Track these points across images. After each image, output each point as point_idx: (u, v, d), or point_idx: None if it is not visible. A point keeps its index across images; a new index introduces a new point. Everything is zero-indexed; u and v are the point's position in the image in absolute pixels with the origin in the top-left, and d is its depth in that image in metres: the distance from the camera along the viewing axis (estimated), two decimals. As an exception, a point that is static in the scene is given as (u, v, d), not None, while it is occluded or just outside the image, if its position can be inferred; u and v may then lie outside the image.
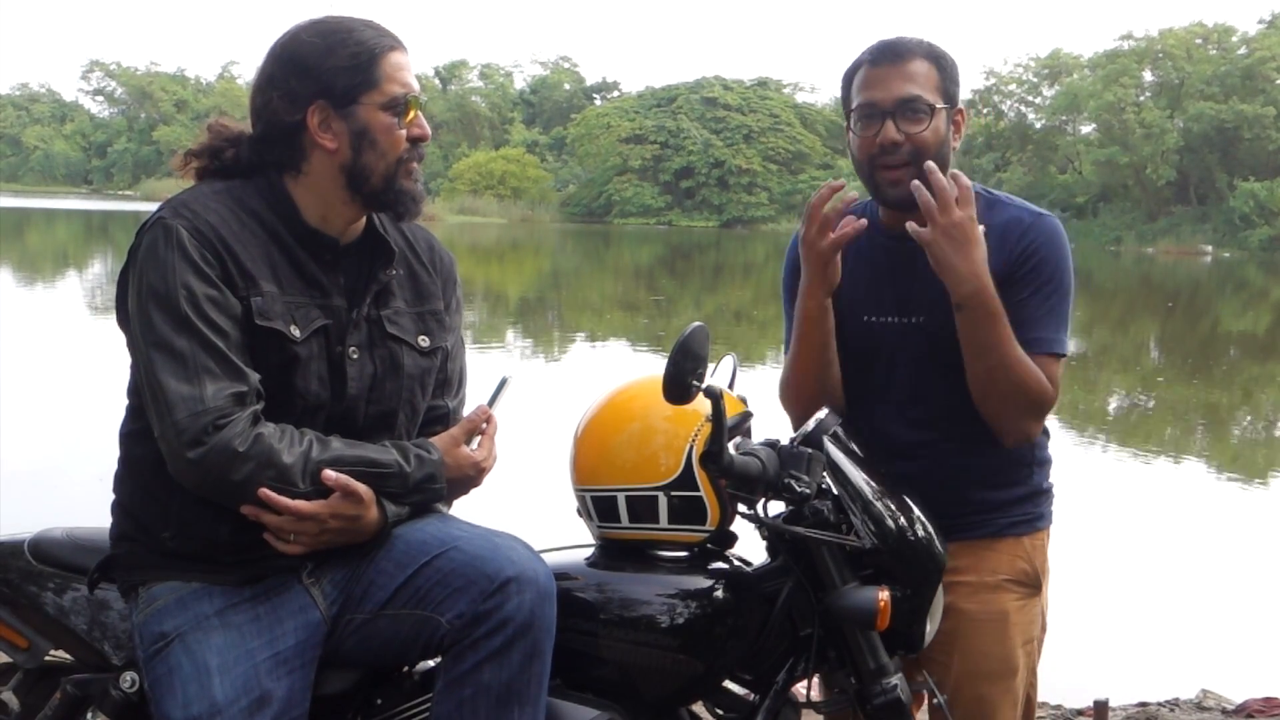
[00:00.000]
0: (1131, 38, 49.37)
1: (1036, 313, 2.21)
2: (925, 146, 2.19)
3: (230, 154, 2.03)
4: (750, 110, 58.74)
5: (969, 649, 2.25)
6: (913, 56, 2.22)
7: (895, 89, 2.20)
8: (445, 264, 2.20)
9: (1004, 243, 2.23)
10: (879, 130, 2.20)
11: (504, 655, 1.89)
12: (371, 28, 2.02)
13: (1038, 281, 2.22)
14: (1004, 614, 2.27)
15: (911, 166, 2.18)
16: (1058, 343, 2.22)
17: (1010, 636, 2.27)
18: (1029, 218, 2.27)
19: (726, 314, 19.54)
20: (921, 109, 2.19)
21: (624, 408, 2.16)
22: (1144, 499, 8.21)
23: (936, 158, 2.19)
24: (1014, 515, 2.30)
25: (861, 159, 2.25)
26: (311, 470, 1.91)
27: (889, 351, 2.30)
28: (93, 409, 8.26)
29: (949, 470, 2.27)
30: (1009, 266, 2.21)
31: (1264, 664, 5.01)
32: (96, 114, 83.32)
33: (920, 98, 2.19)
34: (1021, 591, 2.29)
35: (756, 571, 2.13)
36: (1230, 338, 19.74)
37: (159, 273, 1.89)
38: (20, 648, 2.21)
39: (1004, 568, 2.28)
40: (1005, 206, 2.30)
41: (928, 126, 2.19)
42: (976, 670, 2.25)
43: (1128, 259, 38.86)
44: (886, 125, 2.19)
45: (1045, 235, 2.25)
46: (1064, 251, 2.26)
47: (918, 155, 2.18)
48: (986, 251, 2.16)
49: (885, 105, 2.20)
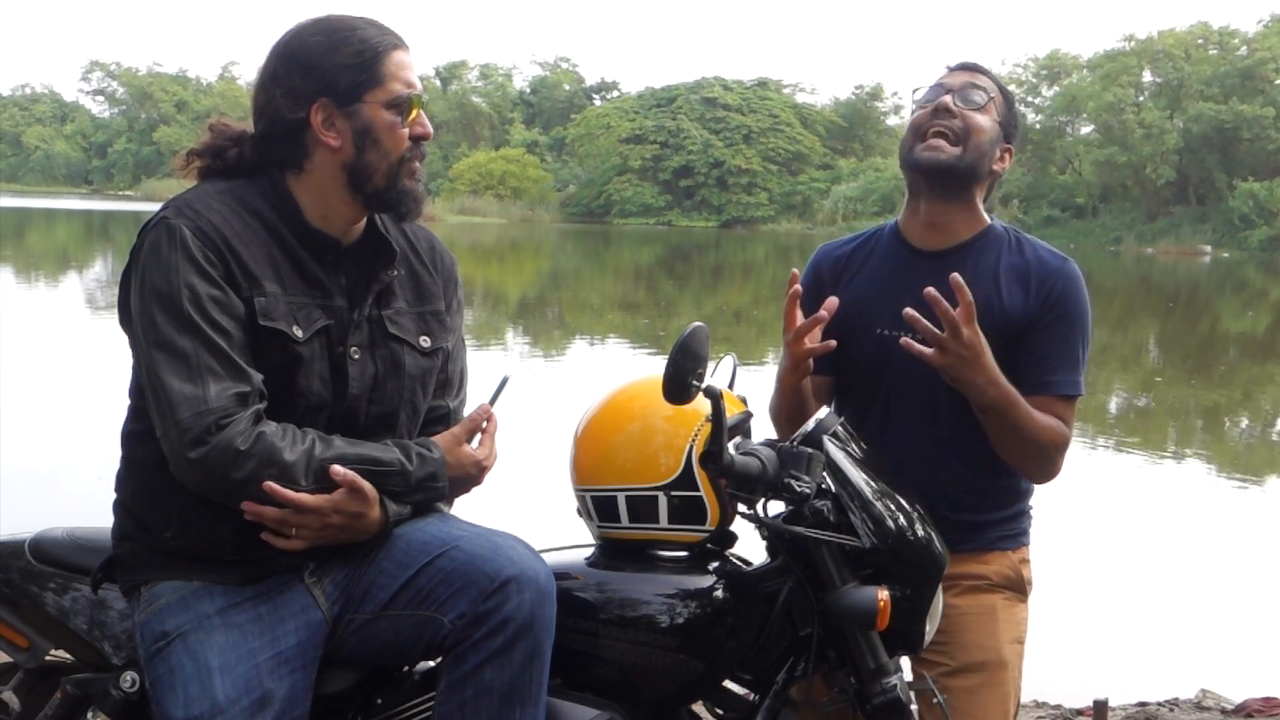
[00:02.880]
0: (1133, 39, 49.40)
1: (1058, 357, 2.30)
2: (976, 131, 2.30)
3: (233, 153, 2.03)
4: (750, 110, 58.74)
5: (960, 642, 2.30)
6: (986, 75, 2.38)
7: (963, 79, 2.34)
8: (447, 264, 2.21)
9: (1030, 282, 2.32)
10: (938, 99, 2.32)
11: (505, 655, 1.89)
12: (375, 26, 2.02)
13: (1062, 327, 2.31)
14: (992, 608, 2.33)
15: (957, 146, 2.29)
16: (1074, 384, 2.31)
17: (999, 630, 2.32)
18: (1055, 261, 2.35)
19: (726, 314, 19.54)
20: (981, 96, 2.31)
21: (624, 408, 2.16)
22: (1144, 499, 8.21)
23: (980, 151, 2.30)
24: (1002, 530, 2.39)
25: (911, 130, 2.35)
26: (314, 468, 1.91)
27: (899, 367, 2.32)
28: (93, 409, 8.26)
29: (951, 487, 2.32)
30: (1033, 308, 2.31)
31: (1263, 664, 5.02)
32: (97, 114, 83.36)
33: (984, 90, 2.33)
34: (1008, 593, 2.37)
35: (756, 571, 2.14)
36: (1230, 338, 19.74)
37: (162, 273, 1.89)
38: (21, 647, 2.21)
39: (991, 574, 2.36)
40: (1032, 249, 2.38)
41: (982, 115, 2.31)
42: (968, 661, 2.29)
43: (1127, 259, 38.85)
44: (946, 96, 2.31)
45: (1069, 280, 2.33)
46: (1085, 297, 2.36)
47: (965, 136, 2.29)
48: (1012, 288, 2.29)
49: (951, 85, 2.34)
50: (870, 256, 2.43)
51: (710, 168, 56.42)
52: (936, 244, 2.37)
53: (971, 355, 2.16)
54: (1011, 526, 2.40)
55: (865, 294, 2.37)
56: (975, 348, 2.16)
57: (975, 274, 2.28)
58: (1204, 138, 44.62)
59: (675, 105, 59.52)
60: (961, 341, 2.15)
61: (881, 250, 2.43)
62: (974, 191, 2.36)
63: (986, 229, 2.38)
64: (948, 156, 2.29)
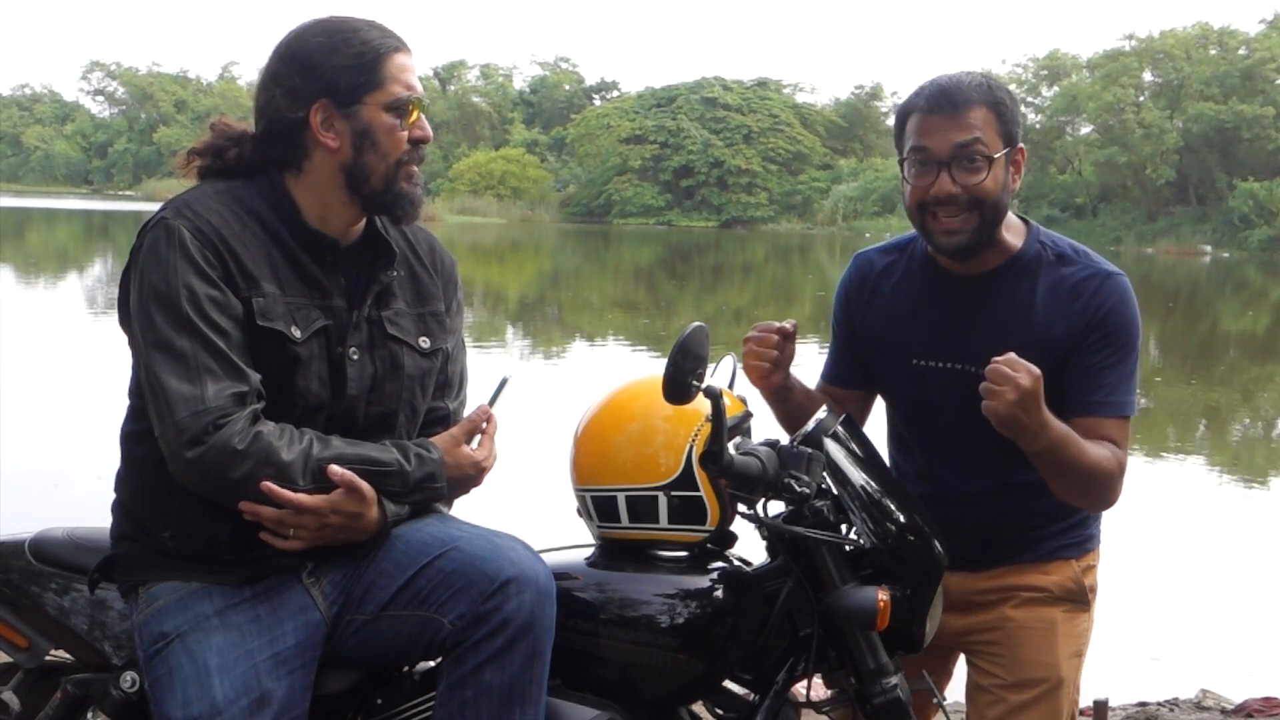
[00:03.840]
0: (1134, 38, 49.40)
1: (1110, 377, 2.17)
2: (985, 196, 2.12)
3: (233, 153, 2.04)
4: (750, 110, 58.73)
5: (1018, 657, 2.26)
6: (970, 106, 2.12)
7: (951, 137, 2.11)
8: (447, 266, 2.21)
9: (1075, 302, 2.19)
10: (934, 181, 2.12)
11: (505, 656, 1.89)
12: (377, 29, 2.02)
13: (1112, 346, 2.18)
14: (1052, 623, 2.27)
15: (971, 214, 2.13)
16: (1127, 405, 2.18)
17: (1058, 646, 2.27)
18: (1101, 277, 2.20)
19: (726, 314, 19.53)
20: (979, 159, 2.11)
21: (624, 408, 2.16)
22: (1143, 499, 8.21)
23: (996, 205, 2.14)
24: (1065, 540, 2.31)
25: (913, 205, 2.18)
26: (312, 468, 1.91)
27: (938, 397, 2.25)
28: (93, 410, 8.26)
29: (1008, 515, 2.27)
30: (1080, 329, 2.18)
31: (1263, 664, 5.01)
32: (97, 114, 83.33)
33: (978, 147, 2.10)
34: (1070, 605, 2.30)
35: (756, 571, 2.13)
36: (1229, 338, 19.74)
37: (161, 273, 1.89)
38: (21, 647, 2.21)
39: (1052, 585, 2.29)
40: (1075, 262, 2.22)
41: (986, 176, 2.12)
42: (1024, 678, 2.25)
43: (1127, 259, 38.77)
44: (941, 178, 2.11)
45: (1118, 296, 2.19)
46: (1134, 312, 2.21)
47: (977, 203, 2.13)
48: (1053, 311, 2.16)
49: (940, 155, 2.11)
50: (907, 274, 2.31)
51: (710, 168, 56.40)
52: (969, 271, 2.25)
53: (1030, 403, 1.99)
54: (1075, 535, 2.31)
55: (898, 323, 2.29)
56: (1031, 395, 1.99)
57: (1012, 302, 2.21)
58: (1204, 138, 44.61)
59: (675, 105, 59.51)
60: (1023, 391, 1.98)
61: (916, 268, 2.31)
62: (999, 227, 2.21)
63: (1023, 248, 2.23)
64: (968, 236, 2.14)
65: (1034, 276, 2.22)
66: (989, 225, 2.16)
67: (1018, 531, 2.28)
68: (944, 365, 2.24)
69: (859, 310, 2.37)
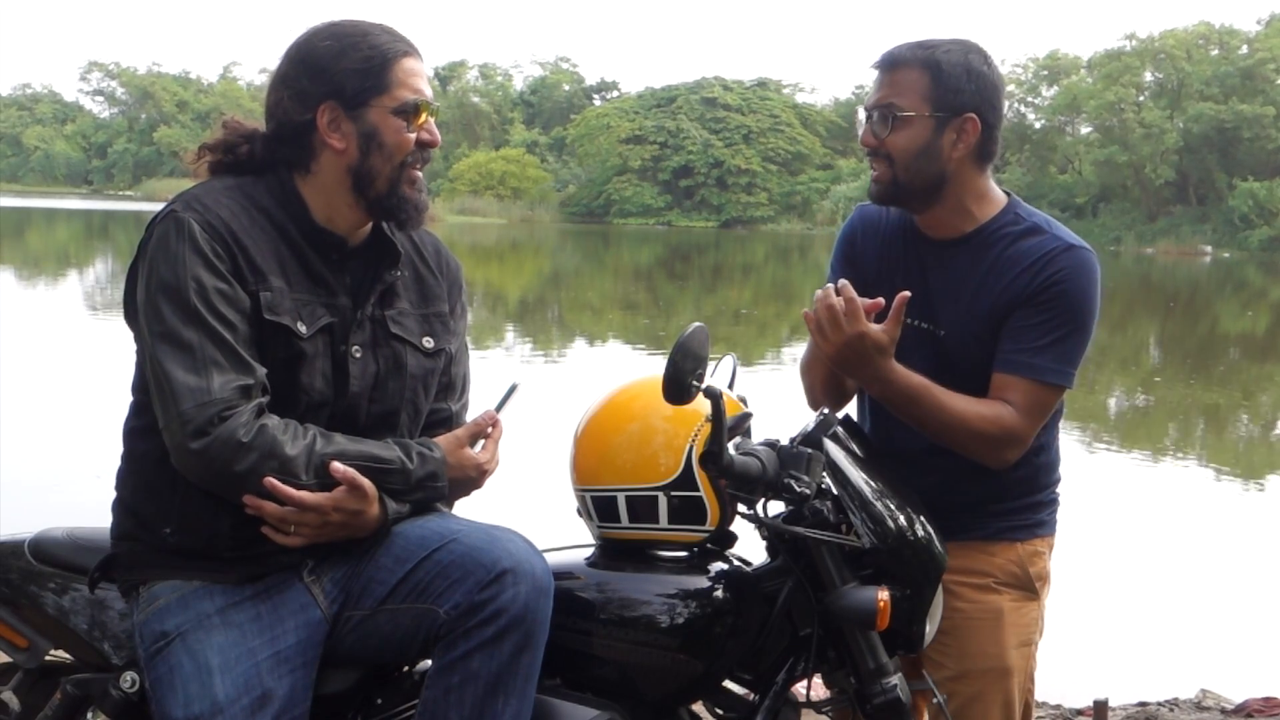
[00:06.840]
0: (1134, 38, 49.40)
1: (1037, 339, 2.17)
2: (895, 152, 2.22)
3: (244, 150, 2.05)
4: (750, 110, 58.78)
5: (963, 647, 2.26)
6: (905, 65, 2.21)
7: (877, 94, 2.24)
8: (451, 268, 2.22)
9: (1029, 269, 2.20)
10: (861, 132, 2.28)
11: (495, 645, 1.89)
12: (387, 33, 2.04)
13: (1051, 311, 2.17)
14: (998, 612, 2.27)
15: (887, 167, 2.23)
16: (1049, 372, 2.17)
17: (1004, 635, 2.27)
18: (1062, 247, 2.21)
19: (726, 314, 19.54)
20: (891, 116, 2.21)
21: (624, 408, 2.16)
22: (1143, 499, 8.21)
23: (914, 166, 2.21)
24: (1012, 520, 2.31)
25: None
26: (315, 463, 1.91)
27: (902, 354, 2.23)
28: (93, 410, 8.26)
29: (958, 481, 2.27)
30: (1028, 291, 2.18)
31: (1263, 664, 5.02)
32: (97, 114, 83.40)
33: (893, 105, 2.20)
34: (1016, 593, 2.30)
35: (756, 571, 2.13)
36: (1229, 338, 19.74)
37: (169, 265, 1.90)
38: (20, 647, 2.21)
39: (995, 569, 2.29)
40: (1043, 233, 2.24)
41: (900, 134, 2.21)
42: (971, 668, 2.25)
43: (1127, 259, 38.84)
44: (865, 129, 2.26)
45: (1075, 268, 2.19)
46: (1088, 287, 2.20)
47: (889, 158, 2.23)
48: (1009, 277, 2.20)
49: (867, 107, 2.27)
50: (897, 230, 2.36)
51: (710, 168, 56.46)
52: (937, 234, 2.30)
53: (854, 354, 2.09)
54: (1024, 517, 2.31)
55: (880, 267, 2.34)
56: (856, 347, 2.08)
57: (972, 269, 2.24)
58: (1204, 137, 44.66)
59: (675, 105, 59.56)
60: (843, 338, 2.08)
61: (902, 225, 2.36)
62: (945, 192, 2.24)
63: (994, 218, 2.27)
64: (883, 187, 2.25)
65: (998, 245, 2.25)
66: (904, 183, 2.23)
67: (964, 505, 2.27)
68: (910, 322, 2.25)
69: (859, 252, 2.40)
